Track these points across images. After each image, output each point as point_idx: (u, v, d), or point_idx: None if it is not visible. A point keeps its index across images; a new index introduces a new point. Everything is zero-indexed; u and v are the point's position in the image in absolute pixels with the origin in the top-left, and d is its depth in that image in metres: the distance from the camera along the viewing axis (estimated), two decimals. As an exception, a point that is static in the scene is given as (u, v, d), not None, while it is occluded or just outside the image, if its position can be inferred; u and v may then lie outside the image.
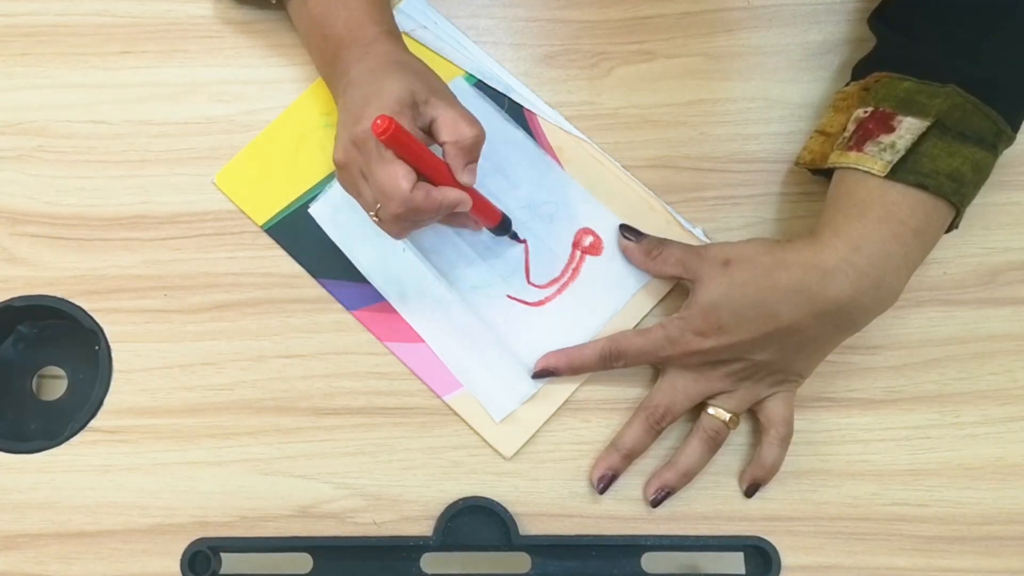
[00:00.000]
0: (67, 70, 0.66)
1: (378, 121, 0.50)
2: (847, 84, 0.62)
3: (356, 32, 0.59)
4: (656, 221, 0.64)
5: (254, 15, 0.66)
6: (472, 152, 0.55)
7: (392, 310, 0.63)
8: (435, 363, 0.62)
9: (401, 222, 0.54)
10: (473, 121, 0.55)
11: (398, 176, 0.52)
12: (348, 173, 0.56)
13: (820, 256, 0.54)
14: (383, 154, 0.52)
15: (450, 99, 0.56)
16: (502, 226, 0.62)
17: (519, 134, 0.65)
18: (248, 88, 0.66)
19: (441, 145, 0.55)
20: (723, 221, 0.64)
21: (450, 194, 0.54)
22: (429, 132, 0.56)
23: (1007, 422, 0.62)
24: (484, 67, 0.66)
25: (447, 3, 0.67)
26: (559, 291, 0.63)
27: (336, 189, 0.64)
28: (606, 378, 0.62)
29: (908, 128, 0.54)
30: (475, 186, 0.56)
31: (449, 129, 0.54)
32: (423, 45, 0.66)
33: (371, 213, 0.55)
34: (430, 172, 0.54)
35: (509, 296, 0.63)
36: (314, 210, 0.64)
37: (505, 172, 0.65)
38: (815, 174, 0.62)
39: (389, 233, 0.57)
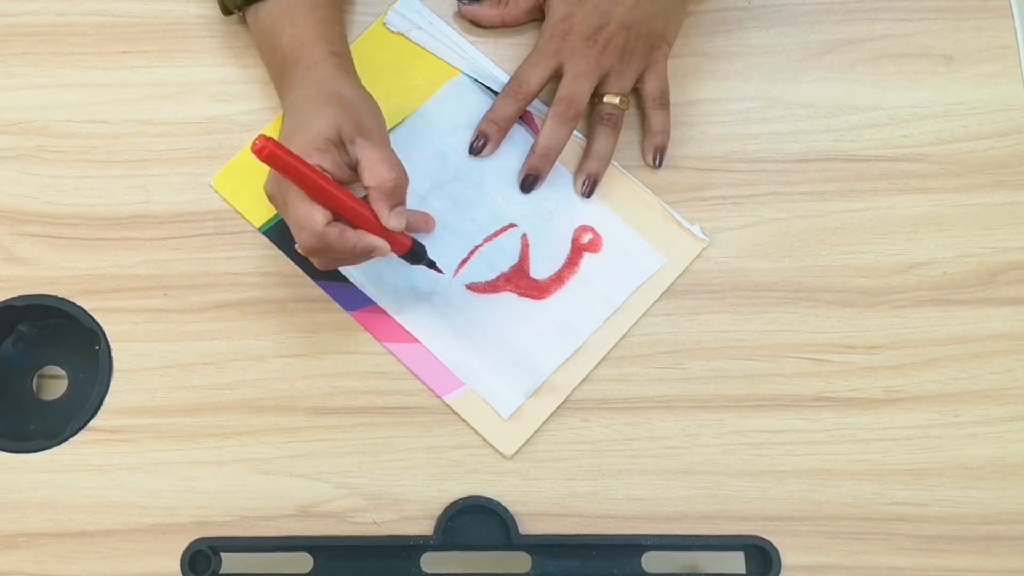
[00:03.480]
0: (67, 70, 0.66)
1: (256, 140, 0.49)
2: None
3: (300, 51, 0.59)
4: (655, 219, 0.64)
5: (254, 15, 0.66)
6: (394, 196, 0.55)
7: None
8: (435, 363, 0.62)
9: (317, 257, 0.55)
10: (395, 164, 0.55)
11: (313, 210, 0.52)
12: (275, 203, 0.56)
13: None
14: (295, 189, 0.52)
15: (377, 140, 0.56)
16: (413, 254, 0.59)
17: (519, 131, 0.65)
18: (248, 88, 0.66)
19: (364, 189, 0.55)
20: (723, 221, 0.64)
21: (365, 239, 0.54)
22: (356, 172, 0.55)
23: (1007, 422, 0.62)
24: (480, 67, 0.66)
25: (442, 3, 0.67)
26: (560, 286, 0.63)
27: None
28: (606, 378, 0.62)
29: None
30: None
31: (369, 172, 0.54)
32: (419, 45, 0.67)
33: (295, 245, 0.55)
34: (334, 202, 0.53)
35: (510, 291, 0.63)
36: None
37: (505, 169, 0.65)
38: None
39: (316, 266, 0.57)
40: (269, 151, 0.49)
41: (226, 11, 0.63)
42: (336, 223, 0.53)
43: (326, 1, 0.61)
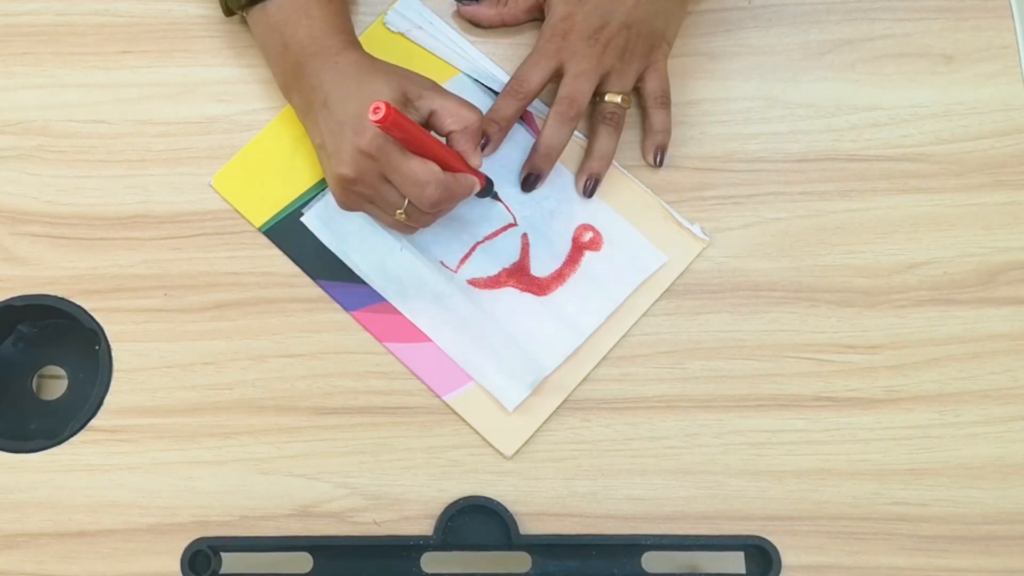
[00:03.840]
0: (67, 70, 0.66)
1: (375, 107, 0.50)
2: None
3: (321, 40, 0.59)
4: (655, 219, 0.64)
5: (254, 15, 0.66)
6: (477, 135, 0.58)
7: (390, 310, 0.63)
8: (434, 362, 0.62)
9: (437, 207, 0.57)
10: (471, 105, 0.58)
11: (426, 164, 0.55)
12: (362, 184, 0.56)
13: None
14: (404, 152, 0.54)
15: (441, 90, 0.58)
16: (488, 188, 0.63)
17: (519, 131, 0.65)
18: (248, 88, 0.66)
19: (446, 135, 0.58)
20: (723, 221, 0.64)
21: (470, 179, 0.58)
22: (427, 127, 0.57)
23: (1007, 421, 0.62)
24: (480, 67, 0.66)
25: (442, 3, 0.67)
26: (561, 283, 0.63)
27: (329, 196, 0.63)
28: (607, 378, 0.62)
29: None
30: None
31: (453, 117, 0.57)
32: (419, 46, 0.67)
33: (398, 212, 0.57)
34: (437, 157, 0.56)
35: (512, 286, 0.63)
36: (307, 219, 0.64)
37: (505, 167, 0.65)
38: None
39: (417, 225, 0.59)
40: (392, 117, 0.50)
41: (228, 11, 0.63)
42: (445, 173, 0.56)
43: None
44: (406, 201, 0.56)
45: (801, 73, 0.67)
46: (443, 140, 0.58)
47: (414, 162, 0.55)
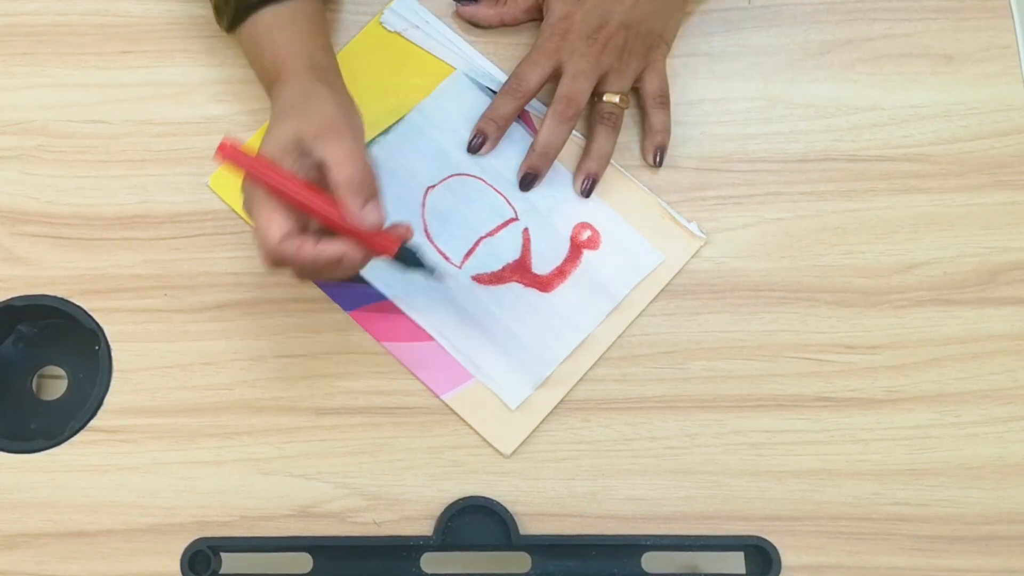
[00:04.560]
0: (67, 70, 0.66)
1: (219, 145, 0.47)
2: None
3: (279, 66, 0.59)
4: (652, 217, 0.64)
5: (254, 15, 0.66)
6: (363, 190, 0.52)
7: (388, 309, 0.63)
8: (433, 361, 0.62)
9: (274, 268, 0.52)
10: (360, 157, 0.52)
11: (270, 222, 0.50)
12: (246, 208, 0.54)
13: None
14: (258, 198, 0.51)
15: (336, 139, 0.53)
16: (404, 257, 0.55)
17: (517, 130, 0.65)
18: (248, 88, 0.66)
19: (333, 190, 0.52)
20: (723, 221, 0.64)
21: (328, 249, 0.51)
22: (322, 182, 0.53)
23: (1007, 422, 0.62)
24: (477, 66, 0.66)
25: (439, 2, 0.67)
26: (562, 280, 0.63)
27: None
28: (607, 378, 0.62)
29: None
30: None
31: (335, 169, 0.51)
32: (415, 45, 0.67)
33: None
34: (304, 203, 0.51)
35: (516, 281, 0.63)
36: None
37: (503, 167, 0.65)
38: None
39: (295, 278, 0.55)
40: (227, 153, 0.48)
41: (228, 29, 0.62)
42: (294, 238, 0.51)
43: (303, 14, 0.60)
44: None
45: (801, 73, 0.67)
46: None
47: (259, 216, 0.51)
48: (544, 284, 0.63)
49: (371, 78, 0.66)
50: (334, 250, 0.52)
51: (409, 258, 0.55)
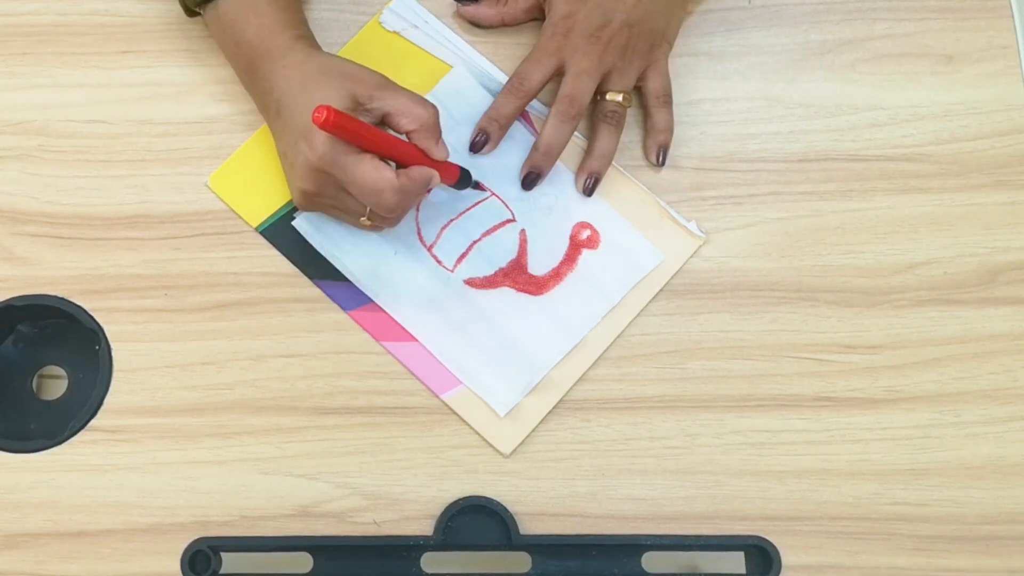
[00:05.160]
0: (67, 70, 0.66)
1: (316, 113, 0.49)
2: None
3: (268, 40, 0.58)
4: (651, 217, 0.64)
5: (254, 15, 0.66)
6: (436, 129, 0.57)
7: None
8: (432, 361, 0.62)
9: (396, 211, 0.57)
10: (424, 101, 0.57)
11: (381, 169, 0.54)
12: (322, 197, 0.57)
13: None
14: (359, 159, 0.54)
15: (393, 88, 0.57)
16: (463, 180, 0.62)
17: (519, 128, 0.65)
18: (248, 88, 0.66)
19: (406, 134, 0.57)
20: (723, 221, 0.64)
21: (424, 170, 0.56)
22: (384, 127, 0.57)
23: (1007, 422, 0.62)
24: (476, 65, 0.66)
25: (438, 2, 0.67)
26: (558, 282, 0.63)
27: None
28: (607, 378, 0.62)
29: None
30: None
31: (407, 117, 0.56)
32: (414, 45, 0.67)
33: (361, 219, 0.57)
34: (392, 152, 0.55)
35: (508, 286, 0.63)
36: (298, 223, 0.64)
37: (504, 163, 0.65)
38: None
39: (386, 226, 0.59)
40: (335, 118, 0.50)
41: (189, 12, 0.62)
42: (399, 172, 0.55)
43: None
44: (368, 207, 0.56)
45: (801, 73, 0.67)
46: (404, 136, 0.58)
47: (367, 171, 0.54)
48: (539, 286, 0.63)
49: (371, 78, 0.66)
50: (427, 171, 0.57)
51: (467, 179, 0.63)
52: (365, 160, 0.54)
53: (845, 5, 0.67)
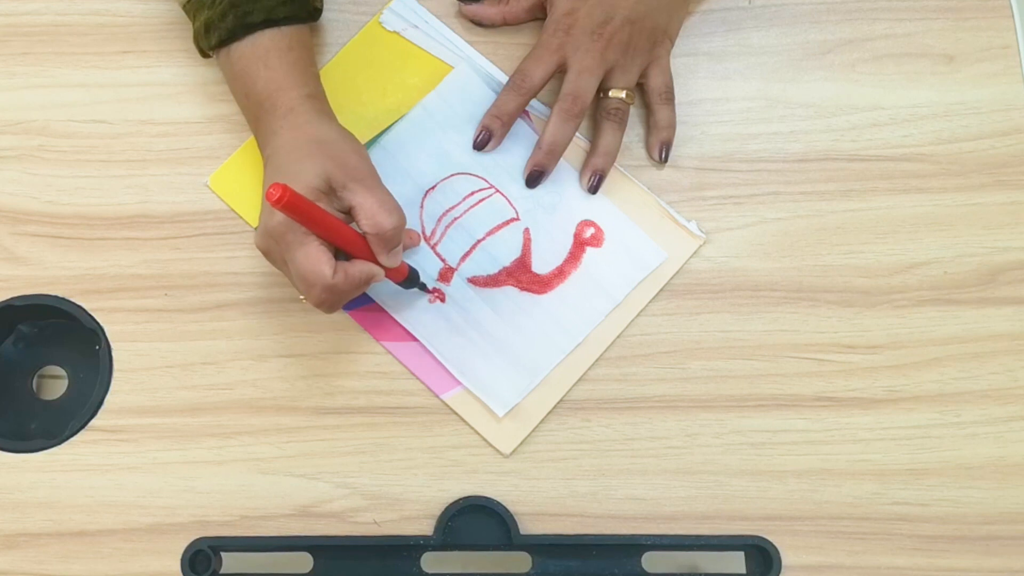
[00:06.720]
0: (67, 70, 0.66)
1: (271, 191, 0.48)
2: None
3: (275, 95, 0.58)
4: (652, 216, 0.64)
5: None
6: (393, 240, 0.55)
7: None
8: (432, 361, 0.62)
9: (325, 305, 0.55)
10: (392, 209, 0.55)
11: (320, 263, 0.53)
12: (271, 258, 0.57)
13: None
14: (302, 242, 0.53)
15: (369, 183, 0.56)
16: (410, 280, 0.61)
17: (521, 125, 0.65)
18: (248, 88, 0.65)
19: (362, 233, 0.55)
20: (723, 221, 0.64)
21: (366, 269, 0.55)
22: (350, 214, 0.56)
23: (1008, 421, 0.62)
24: (477, 65, 0.66)
25: (438, 2, 0.67)
26: (561, 280, 0.63)
27: None
28: (607, 378, 0.62)
29: None
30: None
31: (368, 220, 0.55)
32: (414, 44, 0.67)
33: (300, 296, 0.57)
34: (342, 244, 0.54)
35: (511, 285, 0.63)
36: None
37: (507, 162, 0.65)
38: None
39: (322, 311, 0.57)
40: (288, 199, 0.48)
41: (203, 54, 0.62)
42: (338, 268, 0.54)
43: (299, 42, 0.60)
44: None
45: (801, 73, 0.67)
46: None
47: (304, 259, 0.53)
48: (542, 285, 0.63)
49: (370, 78, 0.66)
50: (369, 270, 0.56)
51: (414, 279, 0.61)
52: (308, 246, 0.53)
53: (845, 5, 0.67)
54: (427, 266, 0.63)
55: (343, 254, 0.56)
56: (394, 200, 0.56)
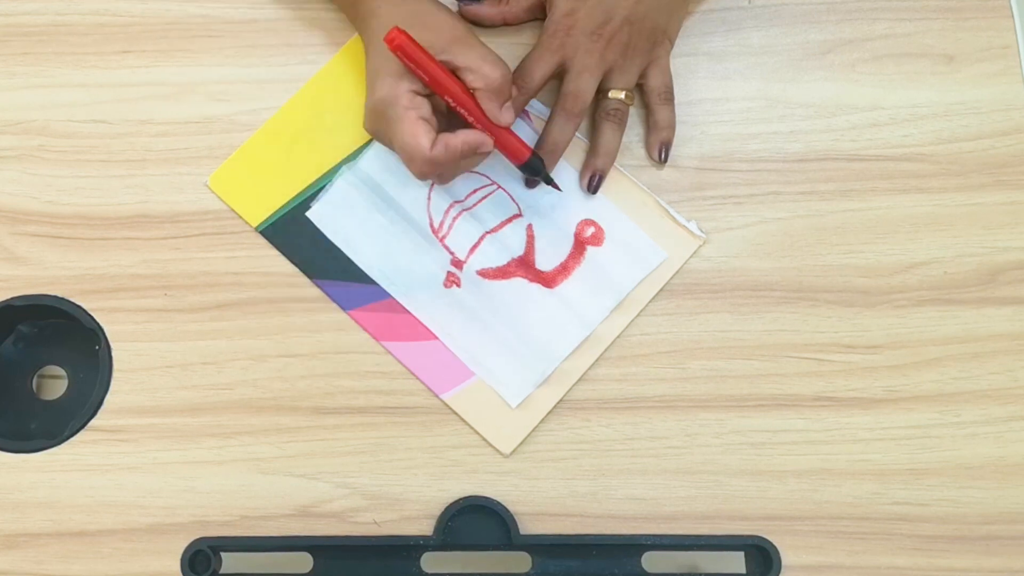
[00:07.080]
0: (67, 70, 0.66)
1: (390, 34, 0.52)
2: None
3: None
4: (652, 216, 0.64)
5: (253, 15, 0.66)
6: (502, 92, 0.58)
7: (387, 308, 0.63)
8: (432, 360, 0.62)
9: (428, 177, 0.58)
10: (496, 61, 0.58)
11: (418, 136, 0.55)
12: (380, 139, 0.60)
13: None
14: (401, 116, 0.55)
15: (467, 43, 0.58)
16: (530, 166, 0.61)
17: (521, 125, 0.65)
18: (248, 88, 0.66)
19: (472, 92, 0.58)
20: (723, 221, 0.64)
21: (469, 137, 0.56)
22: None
23: (1008, 421, 0.62)
24: None
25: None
26: (566, 276, 0.63)
27: (335, 191, 0.64)
28: (607, 378, 0.62)
29: None
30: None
31: (474, 74, 0.57)
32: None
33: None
34: (453, 99, 0.56)
35: (521, 276, 0.63)
36: (313, 213, 0.64)
37: (508, 163, 0.65)
38: None
39: (438, 182, 0.61)
40: (400, 42, 0.52)
41: None
42: (439, 140, 0.56)
43: None
44: None
45: (801, 73, 0.67)
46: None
47: (402, 132, 0.56)
48: (548, 280, 0.64)
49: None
50: (472, 139, 0.56)
51: (536, 166, 0.61)
52: (407, 120, 0.56)
53: (845, 5, 0.67)
54: (436, 260, 0.63)
55: (451, 127, 0.57)
56: (496, 54, 0.58)
